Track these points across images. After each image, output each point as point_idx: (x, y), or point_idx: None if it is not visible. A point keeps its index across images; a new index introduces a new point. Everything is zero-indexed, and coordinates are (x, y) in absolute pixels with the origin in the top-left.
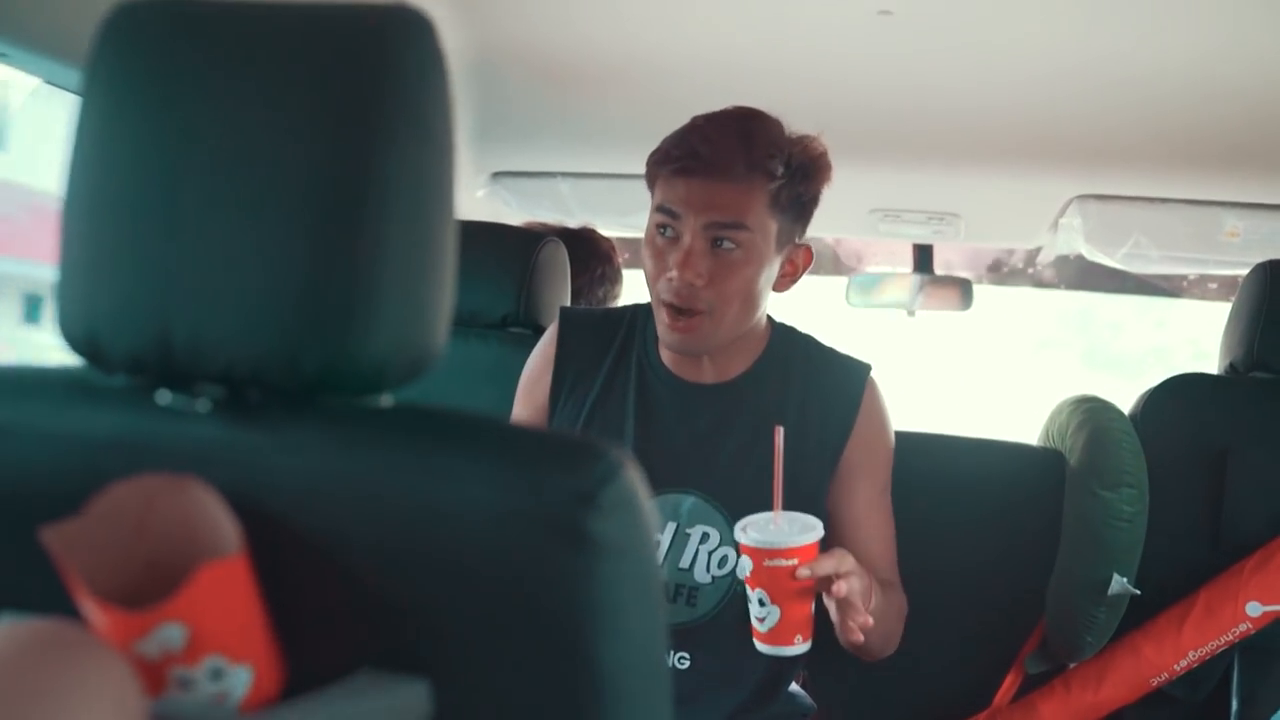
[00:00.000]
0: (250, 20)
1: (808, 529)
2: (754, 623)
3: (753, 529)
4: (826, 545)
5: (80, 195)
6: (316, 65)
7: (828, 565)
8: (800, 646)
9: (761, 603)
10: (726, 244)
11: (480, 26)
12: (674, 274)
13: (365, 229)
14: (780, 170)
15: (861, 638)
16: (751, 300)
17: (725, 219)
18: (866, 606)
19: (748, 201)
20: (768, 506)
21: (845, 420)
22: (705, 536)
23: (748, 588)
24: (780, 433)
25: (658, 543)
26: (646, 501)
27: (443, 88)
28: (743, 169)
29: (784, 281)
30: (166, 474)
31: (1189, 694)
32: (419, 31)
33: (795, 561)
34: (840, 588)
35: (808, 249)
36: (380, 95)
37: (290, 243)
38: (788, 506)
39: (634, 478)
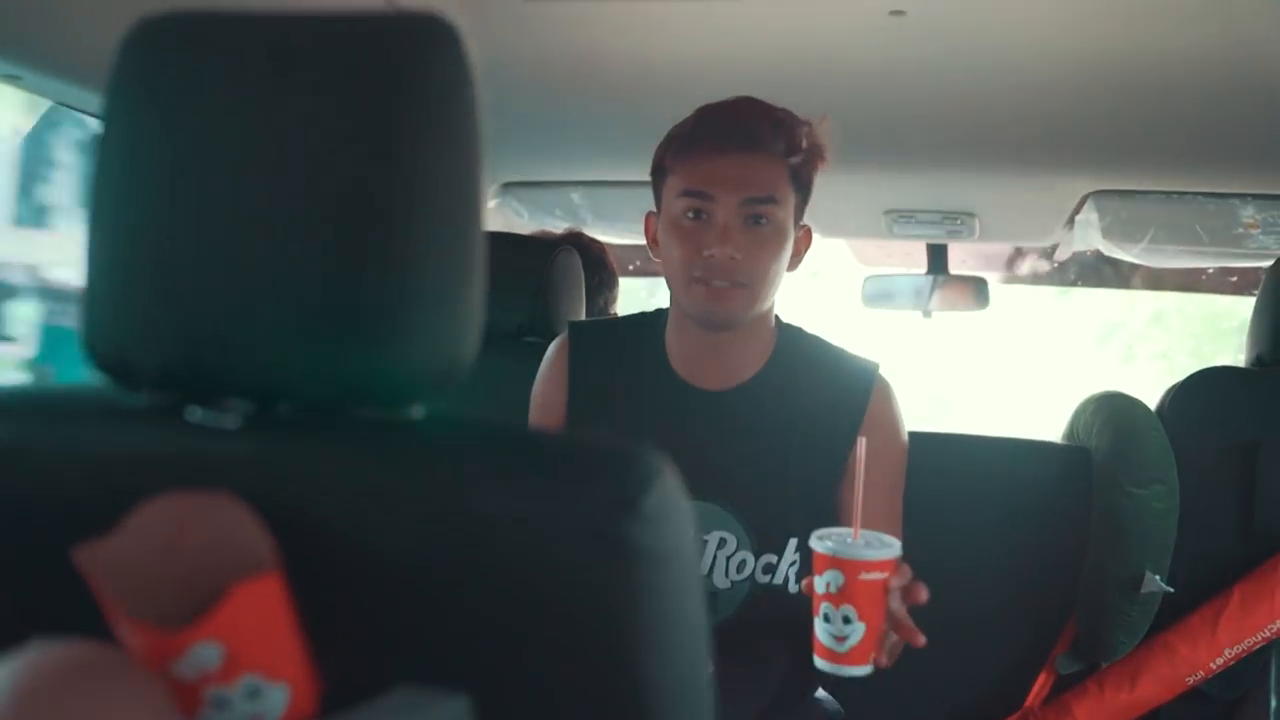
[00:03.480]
0: (274, 31)
1: (891, 544)
2: (828, 643)
3: (836, 540)
4: None
5: (106, 212)
6: (343, 76)
7: (907, 577)
8: (869, 668)
9: (847, 620)
10: (761, 220)
11: (489, 36)
12: (712, 252)
13: (394, 240)
14: (802, 144)
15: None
16: (779, 275)
17: (760, 194)
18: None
19: (778, 175)
20: (782, 511)
21: (852, 420)
22: (723, 542)
23: (828, 605)
24: (862, 444)
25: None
26: (687, 507)
27: (469, 97)
28: (773, 143)
29: (794, 261)
30: (198, 491)
31: (1225, 692)
32: (446, 40)
33: (888, 575)
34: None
35: (808, 230)
36: (408, 105)
37: (318, 255)
38: (802, 510)
39: (674, 483)
